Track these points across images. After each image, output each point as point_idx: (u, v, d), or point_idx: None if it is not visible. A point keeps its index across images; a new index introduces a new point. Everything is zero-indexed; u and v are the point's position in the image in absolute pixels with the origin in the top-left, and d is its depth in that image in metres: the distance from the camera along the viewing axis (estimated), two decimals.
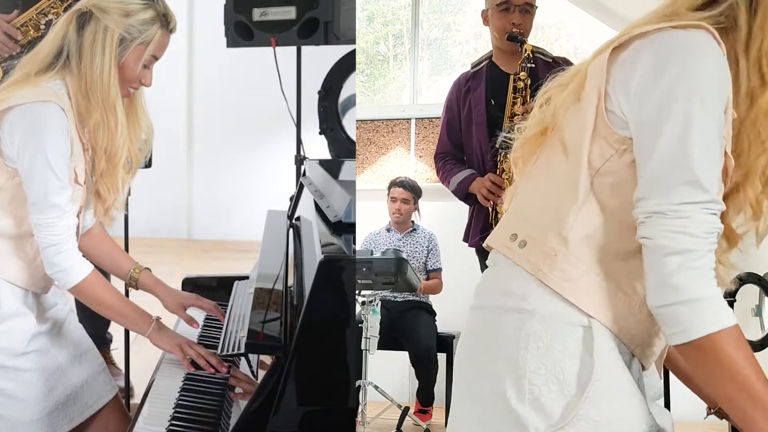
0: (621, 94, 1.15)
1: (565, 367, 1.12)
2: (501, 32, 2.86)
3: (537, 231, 1.20)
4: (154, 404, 1.82)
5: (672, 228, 1.06)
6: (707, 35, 1.11)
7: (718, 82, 1.09)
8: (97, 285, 1.92)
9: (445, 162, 3.02)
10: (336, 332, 1.51)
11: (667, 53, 1.11)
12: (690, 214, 1.06)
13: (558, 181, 1.20)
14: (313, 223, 1.80)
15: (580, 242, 1.15)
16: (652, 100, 1.10)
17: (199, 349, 1.94)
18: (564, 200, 1.18)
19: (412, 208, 4.56)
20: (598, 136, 1.16)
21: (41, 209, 1.84)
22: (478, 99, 2.90)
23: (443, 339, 4.38)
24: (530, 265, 1.18)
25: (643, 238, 1.09)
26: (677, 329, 1.06)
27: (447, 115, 3.05)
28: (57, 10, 2.77)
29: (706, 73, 1.09)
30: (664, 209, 1.07)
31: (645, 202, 1.09)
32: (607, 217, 1.15)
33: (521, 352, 1.14)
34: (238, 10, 2.64)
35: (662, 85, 1.10)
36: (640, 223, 1.09)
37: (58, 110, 1.84)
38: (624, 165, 1.14)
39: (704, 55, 1.10)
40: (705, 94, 1.08)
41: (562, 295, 1.15)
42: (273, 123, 3.61)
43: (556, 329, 1.14)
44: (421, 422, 4.17)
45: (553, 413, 1.12)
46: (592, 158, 1.16)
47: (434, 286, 4.45)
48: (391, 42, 6.12)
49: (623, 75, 1.15)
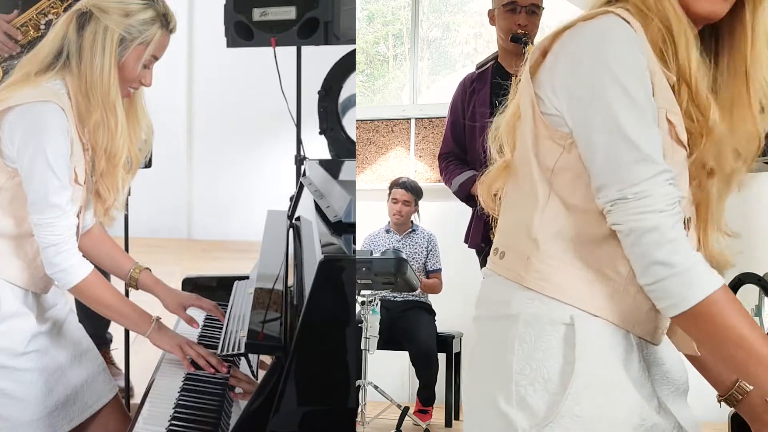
0: (551, 94, 1.19)
1: (549, 366, 1.14)
2: (506, 33, 2.86)
3: (510, 240, 1.24)
4: (154, 404, 1.82)
5: (637, 210, 1.10)
6: (610, 18, 1.15)
7: (627, 58, 1.13)
8: (97, 285, 1.92)
9: (448, 162, 3.02)
10: (336, 332, 1.51)
11: (578, 46, 1.17)
12: (650, 191, 1.10)
13: (521, 193, 1.24)
14: (313, 223, 1.80)
15: (550, 240, 1.18)
16: (576, 95, 1.15)
17: (199, 349, 1.94)
18: (528, 206, 1.22)
19: (412, 209, 4.56)
20: (542, 138, 1.20)
21: (41, 209, 1.84)
22: (483, 100, 2.90)
23: (443, 339, 4.38)
24: (510, 273, 1.22)
25: (614, 225, 1.12)
26: (669, 302, 1.10)
27: (452, 116, 3.05)
28: (57, 10, 2.77)
29: (615, 53, 1.13)
30: (625, 194, 1.10)
31: (605, 191, 1.12)
32: (572, 211, 1.18)
33: (508, 356, 1.17)
34: (238, 10, 2.64)
35: (579, 76, 1.15)
36: (607, 212, 1.13)
37: (58, 110, 1.84)
38: (575, 158, 1.17)
39: (610, 38, 1.14)
40: (619, 73, 1.11)
41: (544, 294, 1.17)
42: (273, 123, 3.61)
43: (540, 330, 1.16)
44: (421, 422, 4.17)
45: (538, 411, 1.13)
46: (542, 160, 1.20)
47: (434, 285, 4.45)
48: (391, 42, 6.12)
49: (547, 77, 1.20)
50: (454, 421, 4.43)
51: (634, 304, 1.17)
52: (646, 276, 1.11)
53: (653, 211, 1.09)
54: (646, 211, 1.09)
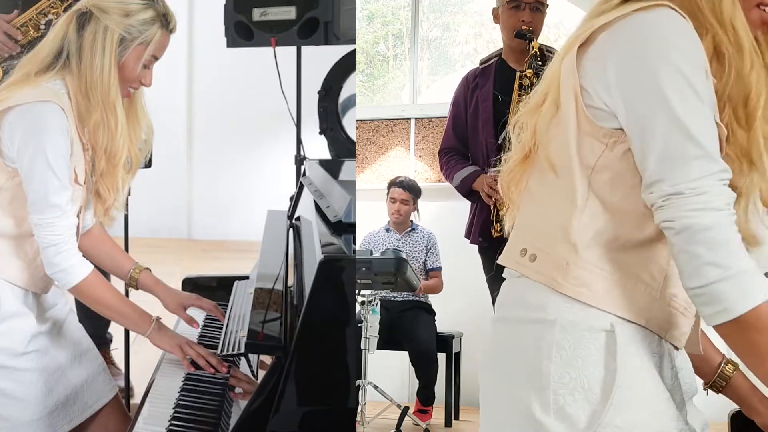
0: (600, 88, 1.14)
1: (589, 374, 1.11)
2: (511, 30, 2.86)
3: (544, 243, 1.19)
4: (154, 404, 1.82)
5: (694, 206, 1.04)
6: (668, 11, 1.11)
7: (690, 51, 1.09)
8: (97, 285, 1.92)
9: (449, 158, 3.02)
10: (336, 332, 1.51)
11: (635, 37, 1.11)
12: (708, 188, 1.04)
13: (555, 190, 1.19)
14: (313, 223, 1.80)
15: (589, 245, 1.14)
16: (634, 87, 1.10)
17: (199, 349, 1.94)
18: (565, 207, 1.16)
19: (411, 208, 4.56)
20: (584, 135, 1.15)
21: (41, 209, 1.84)
22: (486, 95, 2.91)
23: (443, 339, 4.38)
24: (544, 277, 1.17)
25: (665, 222, 1.06)
26: (719, 308, 1.03)
27: (453, 110, 3.05)
28: (57, 10, 2.77)
29: (677, 46, 1.08)
30: (682, 189, 1.04)
31: (659, 185, 1.06)
32: (611, 212, 1.14)
33: (544, 362, 1.12)
34: (238, 10, 2.64)
35: (639, 69, 1.10)
36: (659, 208, 1.07)
37: (58, 110, 1.84)
38: (617, 157, 1.13)
39: (670, 31, 1.10)
40: (681, 66, 1.07)
41: (581, 300, 1.13)
42: (273, 123, 3.61)
43: (578, 337, 1.12)
44: (421, 422, 4.17)
45: (578, 422, 1.10)
46: (583, 158, 1.15)
47: (434, 285, 4.45)
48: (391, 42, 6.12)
49: (596, 69, 1.15)
50: (453, 421, 4.43)
51: (668, 310, 1.15)
52: (696, 278, 1.04)
53: (711, 208, 1.03)
54: (703, 208, 1.03)
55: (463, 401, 4.58)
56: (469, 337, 4.56)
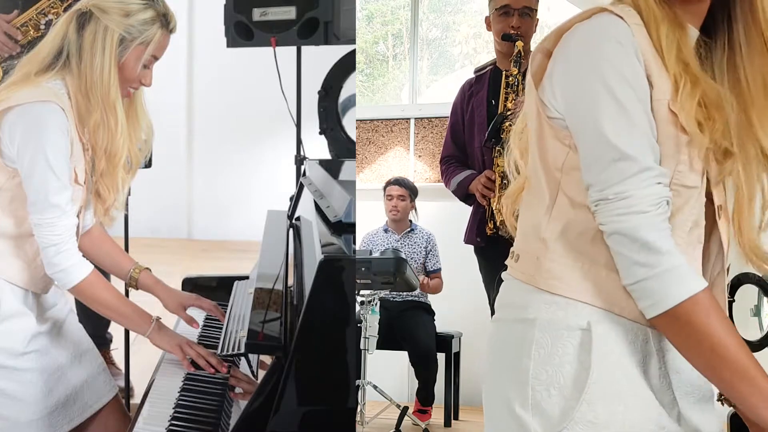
0: (551, 98, 1.20)
1: (565, 372, 1.14)
2: (500, 35, 2.90)
3: (524, 243, 1.25)
4: (154, 404, 1.83)
5: (619, 211, 1.10)
6: (605, 16, 1.15)
7: (617, 58, 1.12)
8: (97, 285, 1.93)
9: (448, 165, 3.07)
10: (336, 332, 1.51)
11: (571, 47, 1.18)
12: (630, 192, 1.09)
13: (532, 195, 1.26)
14: (313, 223, 1.80)
15: (557, 239, 1.19)
16: (569, 97, 1.17)
17: (199, 349, 1.95)
18: (538, 208, 1.22)
19: (408, 205, 4.56)
20: (549, 138, 1.21)
21: (41, 209, 1.84)
22: (480, 101, 2.96)
23: (442, 339, 4.39)
24: (524, 275, 1.22)
25: (600, 225, 1.13)
26: (649, 302, 1.10)
27: (452, 119, 3.12)
28: (57, 10, 2.77)
29: (604, 53, 1.13)
30: (606, 194, 1.10)
31: (590, 190, 1.13)
32: (578, 209, 1.18)
33: (524, 359, 1.17)
34: (238, 10, 2.64)
35: (571, 78, 1.16)
36: (594, 212, 1.13)
37: (57, 110, 1.84)
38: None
39: (600, 38, 1.14)
40: (606, 74, 1.11)
41: (557, 294, 1.17)
42: (273, 123, 3.61)
43: (556, 335, 1.16)
44: (420, 422, 4.17)
45: (552, 416, 1.13)
46: (550, 160, 1.21)
47: (435, 286, 4.45)
48: (391, 42, 6.12)
49: (549, 80, 1.21)
50: (453, 420, 4.43)
51: None
52: (627, 276, 1.11)
53: (635, 212, 1.09)
54: (627, 212, 1.09)
55: (462, 401, 4.58)
56: (469, 337, 4.56)
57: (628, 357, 1.16)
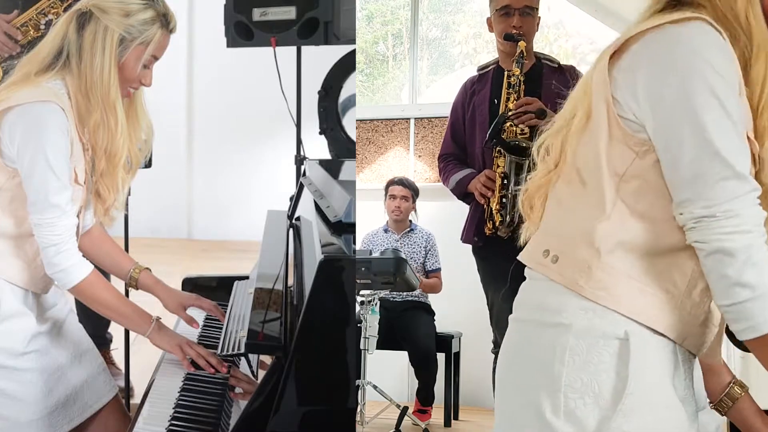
0: (630, 99, 1.15)
1: (601, 381, 1.12)
2: (502, 35, 2.89)
3: (567, 246, 1.20)
4: (154, 404, 1.83)
5: (726, 230, 1.07)
6: (703, 24, 1.11)
7: (723, 69, 1.09)
8: (97, 285, 1.93)
9: (447, 163, 3.05)
10: (336, 332, 1.51)
11: (667, 51, 1.11)
12: (739, 210, 1.07)
13: (582, 197, 1.20)
14: (313, 223, 1.80)
15: (613, 250, 1.15)
16: (664, 103, 1.11)
17: (199, 349, 1.94)
18: (591, 213, 1.18)
19: (410, 206, 4.56)
20: (616, 142, 1.16)
21: (41, 209, 1.84)
22: (482, 100, 2.94)
23: (442, 339, 4.39)
24: (565, 279, 1.18)
25: (697, 243, 1.09)
26: (747, 324, 1.07)
27: (452, 117, 3.09)
28: (57, 10, 2.77)
29: (709, 63, 1.08)
30: (713, 212, 1.07)
31: (689, 206, 1.09)
32: (637, 220, 1.15)
33: (557, 366, 1.14)
34: (238, 10, 2.64)
35: (669, 84, 1.10)
36: (690, 229, 1.09)
37: (57, 110, 1.84)
38: (648, 166, 1.14)
39: (704, 46, 1.09)
40: (713, 84, 1.08)
41: (600, 304, 1.14)
42: (273, 123, 3.61)
43: (592, 343, 1.14)
44: (420, 422, 4.17)
45: (587, 426, 1.12)
46: (613, 165, 1.16)
47: (434, 285, 4.45)
48: (390, 42, 6.12)
49: (627, 80, 1.15)
50: (453, 420, 4.43)
51: (688, 318, 1.16)
52: (726, 297, 1.08)
53: (742, 231, 1.06)
54: (735, 231, 1.06)
55: (462, 401, 4.59)
56: (469, 337, 4.57)
57: (660, 369, 1.15)
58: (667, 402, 1.14)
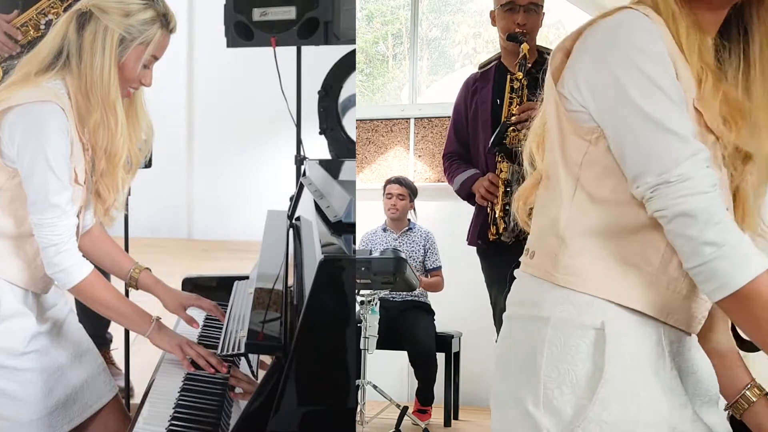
0: (575, 91, 1.20)
1: (578, 370, 1.14)
2: (505, 32, 2.86)
3: (540, 239, 1.24)
4: (154, 404, 1.83)
5: (683, 192, 1.09)
6: (630, 11, 1.16)
7: (648, 47, 1.13)
8: (97, 285, 1.93)
9: (451, 162, 3.03)
10: (336, 332, 1.51)
11: (598, 40, 1.18)
12: (691, 173, 1.09)
13: (549, 192, 1.25)
14: (313, 223, 1.80)
15: (576, 236, 1.18)
16: (600, 88, 1.16)
17: (199, 349, 1.95)
18: (555, 205, 1.22)
19: (408, 204, 4.56)
20: (568, 134, 1.21)
21: (41, 209, 1.84)
22: (484, 98, 2.91)
23: (442, 338, 4.39)
24: (540, 272, 1.22)
25: (657, 212, 1.11)
26: (717, 284, 1.08)
27: (454, 115, 3.06)
28: (57, 10, 2.77)
29: (633, 44, 1.13)
30: (666, 178, 1.09)
31: (643, 178, 1.11)
32: (599, 204, 1.18)
33: (537, 357, 1.17)
34: (238, 10, 2.64)
35: (601, 70, 1.16)
36: (648, 200, 1.11)
37: (57, 110, 1.84)
38: (602, 152, 1.18)
39: (628, 29, 1.15)
40: (640, 62, 1.12)
41: (574, 289, 1.17)
42: (273, 123, 3.61)
43: (569, 334, 1.16)
44: (420, 422, 4.17)
45: (565, 415, 1.14)
46: (569, 156, 1.21)
47: (435, 284, 4.46)
48: (390, 41, 6.12)
49: (570, 76, 1.21)
50: (452, 420, 4.43)
51: (666, 293, 1.17)
52: (693, 258, 1.09)
53: (698, 192, 1.08)
54: (691, 193, 1.08)
55: (462, 401, 4.59)
56: (469, 337, 4.57)
57: (642, 357, 1.16)
58: (649, 390, 1.14)
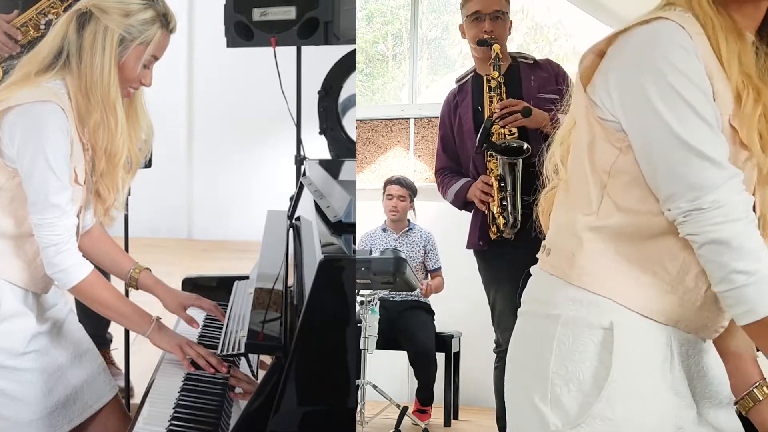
0: (606, 99, 1.18)
1: (585, 368, 1.16)
2: (474, 40, 2.91)
3: (558, 238, 1.25)
4: (154, 404, 1.83)
5: (715, 220, 1.08)
6: (667, 23, 1.14)
7: (684, 65, 1.11)
8: (97, 285, 1.93)
9: (443, 177, 3.06)
10: (336, 332, 1.51)
11: (632, 52, 1.15)
12: (725, 200, 1.08)
13: (571, 196, 1.25)
14: (313, 223, 1.80)
15: (596, 239, 1.19)
16: (631, 104, 1.14)
17: (199, 349, 1.95)
18: (579, 208, 1.22)
19: (408, 205, 4.56)
20: (599, 140, 1.20)
21: (41, 209, 1.84)
22: (466, 109, 2.96)
23: (442, 338, 4.39)
24: (555, 269, 1.23)
25: (689, 236, 1.11)
26: (745, 308, 1.09)
27: (441, 130, 3.11)
28: (57, 10, 2.77)
29: (669, 61, 1.11)
30: (699, 204, 1.09)
31: (676, 201, 1.11)
32: (624, 213, 1.18)
33: (546, 355, 1.18)
34: (238, 10, 2.64)
35: (631, 84, 1.14)
36: (681, 223, 1.11)
37: (57, 110, 1.84)
38: (632, 161, 1.17)
39: (662, 44, 1.12)
40: (674, 83, 1.10)
41: (587, 289, 1.18)
42: (273, 123, 3.61)
43: (578, 332, 1.17)
44: (420, 422, 4.17)
45: (570, 411, 1.15)
46: (598, 162, 1.20)
47: (437, 285, 4.46)
48: (390, 41, 6.12)
49: (602, 82, 1.19)
50: (452, 420, 4.43)
51: (680, 302, 1.18)
52: (724, 283, 1.10)
53: (731, 220, 1.08)
54: (724, 221, 1.08)
55: (462, 401, 4.59)
56: (469, 337, 4.57)
57: (650, 358, 1.17)
58: (655, 390, 1.15)
